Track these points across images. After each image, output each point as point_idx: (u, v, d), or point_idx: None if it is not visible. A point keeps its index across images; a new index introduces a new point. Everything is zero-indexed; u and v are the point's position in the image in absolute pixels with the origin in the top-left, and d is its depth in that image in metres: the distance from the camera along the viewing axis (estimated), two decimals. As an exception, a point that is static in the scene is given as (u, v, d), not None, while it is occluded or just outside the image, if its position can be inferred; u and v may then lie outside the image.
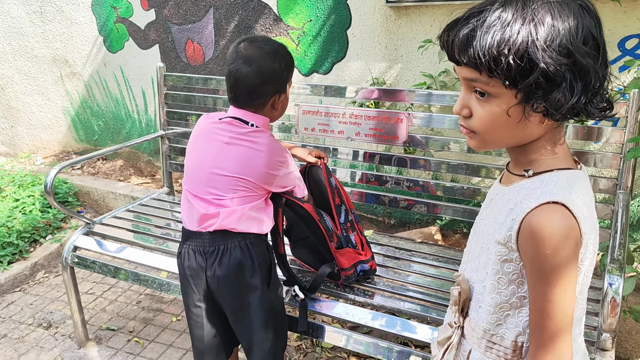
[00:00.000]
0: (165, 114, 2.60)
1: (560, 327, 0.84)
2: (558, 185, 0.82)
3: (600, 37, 0.79)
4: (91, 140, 3.94)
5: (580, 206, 0.80)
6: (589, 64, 0.77)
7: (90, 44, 3.59)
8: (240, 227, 1.46)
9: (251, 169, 1.45)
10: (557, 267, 0.80)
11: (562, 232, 0.79)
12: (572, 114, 0.80)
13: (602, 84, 0.80)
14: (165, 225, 2.32)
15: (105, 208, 3.45)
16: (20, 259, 2.94)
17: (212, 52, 3.10)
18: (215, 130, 1.52)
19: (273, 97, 1.50)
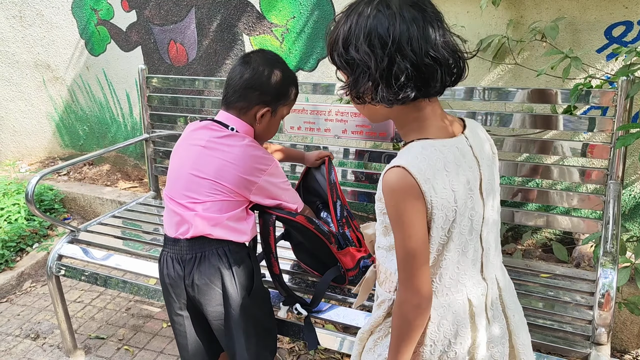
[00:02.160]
0: (149, 117, 2.55)
1: (413, 268, 0.99)
2: (409, 152, 0.98)
3: (390, 35, 0.91)
4: (77, 146, 3.88)
5: (422, 169, 0.95)
6: (364, 58, 0.92)
7: (72, 47, 3.53)
8: (216, 233, 1.42)
9: (226, 174, 1.41)
10: (400, 217, 0.97)
11: (401, 188, 0.96)
12: (379, 99, 0.95)
13: (390, 76, 0.92)
14: (153, 230, 2.28)
15: (92, 214, 3.39)
16: (6, 269, 2.88)
17: (196, 52, 3.05)
18: (195, 135, 1.49)
19: (257, 107, 1.47)
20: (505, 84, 2.29)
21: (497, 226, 1.12)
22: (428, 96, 0.98)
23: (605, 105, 1.68)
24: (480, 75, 2.33)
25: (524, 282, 1.72)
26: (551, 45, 2.10)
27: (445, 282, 1.05)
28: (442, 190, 0.97)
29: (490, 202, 1.07)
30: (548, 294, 1.64)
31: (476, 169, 1.03)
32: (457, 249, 1.03)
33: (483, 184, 1.04)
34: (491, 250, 1.10)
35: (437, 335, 1.06)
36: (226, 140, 1.44)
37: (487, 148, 1.08)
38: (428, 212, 0.97)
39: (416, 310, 1.01)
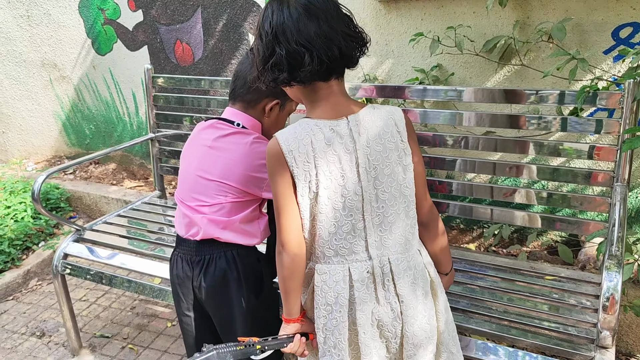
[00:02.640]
0: (155, 116, 2.56)
1: (279, 223, 1.17)
2: (290, 126, 1.17)
3: (270, 27, 1.11)
4: (83, 145, 3.89)
5: (289, 140, 1.13)
6: (255, 48, 1.17)
7: (79, 47, 3.54)
8: (225, 236, 1.42)
9: (233, 174, 1.40)
10: (270, 177, 1.18)
11: (270, 154, 1.17)
12: (277, 83, 1.16)
13: (268, 61, 1.13)
14: (158, 229, 2.28)
15: (98, 213, 3.41)
16: (12, 267, 2.90)
17: (202, 52, 3.06)
18: (201, 135, 1.49)
19: (266, 100, 1.45)
20: (511, 85, 2.28)
21: (394, 209, 1.19)
22: (300, 78, 1.12)
23: (612, 107, 1.67)
24: (486, 76, 2.32)
25: (528, 284, 1.71)
26: (558, 46, 2.09)
27: (324, 250, 1.18)
28: (303, 163, 1.13)
29: (379, 184, 1.16)
30: (553, 296, 1.63)
31: (353, 151, 1.14)
32: (330, 221, 1.16)
33: (361, 165, 1.14)
34: (383, 231, 1.18)
35: (320, 299, 1.20)
36: (231, 139, 1.44)
37: (381, 133, 1.17)
38: (294, 180, 1.14)
39: (281, 261, 1.18)
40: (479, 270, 1.81)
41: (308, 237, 1.19)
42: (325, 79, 1.15)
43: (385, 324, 1.19)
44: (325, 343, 1.21)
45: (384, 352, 1.22)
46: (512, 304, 1.61)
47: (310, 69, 1.10)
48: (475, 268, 1.83)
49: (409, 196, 1.21)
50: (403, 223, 1.20)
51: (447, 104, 2.36)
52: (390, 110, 1.21)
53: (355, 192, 1.15)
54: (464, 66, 2.36)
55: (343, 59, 1.14)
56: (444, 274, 1.41)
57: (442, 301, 1.30)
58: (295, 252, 1.17)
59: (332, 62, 1.11)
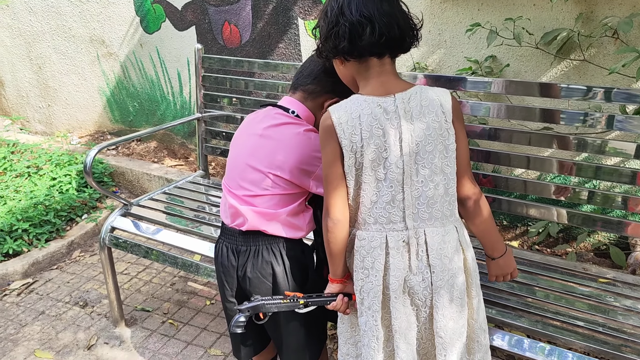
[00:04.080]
0: (203, 97, 2.58)
1: (327, 191, 1.28)
2: (342, 101, 1.27)
3: (330, 10, 1.23)
4: (126, 121, 3.96)
5: (340, 114, 1.23)
6: (319, 23, 1.28)
7: (127, 24, 3.58)
8: (272, 229, 1.41)
9: (283, 164, 1.39)
10: (322, 148, 1.28)
11: (322, 126, 1.26)
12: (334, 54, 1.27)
13: (326, 41, 1.26)
14: (200, 208, 2.31)
15: (139, 189, 3.47)
16: (57, 237, 2.98)
17: (249, 34, 3.06)
18: (253, 123, 1.48)
19: (327, 95, 1.44)
20: (568, 81, 2.21)
21: (433, 184, 1.25)
22: (358, 49, 1.21)
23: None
24: (542, 70, 2.26)
25: (579, 284, 1.68)
26: (622, 42, 2.02)
27: (366, 217, 1.27)
28: (350, 134, 1.22)
29: (419, 160, 1.23)
30: (606, 299, 1.59)
31: (398, 127, 1.21)
32: (372, 190, 1.25)
33: (404, 140, 1.21)
34: (421, 204, 1.25)
35: (358, 263, 1.29)
36: (284, 129, 1.42)
37: (426, 112, 1.23)
38: (341, 151, 1.23)
39: (325, 224, 1.28)
40: (530, 269, 1.78)
41: (353, 205, 1.29)
42: (381, 54, 1.23)
43: (417, 292, 1.26)
44: (363, 304, 1.30)
45: (414, 319, 1.29)
46: (565, 305, 1.57)
47: (369, 41, 1.19)
48: (527, 267, 1.79)
49: (450, 174, 1.27)
50: (441, 199, 1.26)
51: (499, 97, 2.31)
52: (438, 91, 1.27)
53: (397, 165, 1.22)
54: (520, 59, 2.30)
55: (400, 39, 1.23)
56: (492, 258, 1.41)
57: (474, 285, 1.32)
58: (338, 217, 1.27)
59: (390, 38, 1.20)
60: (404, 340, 1.26)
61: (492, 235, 1.39)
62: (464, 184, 1.32)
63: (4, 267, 2.69)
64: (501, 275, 1.43)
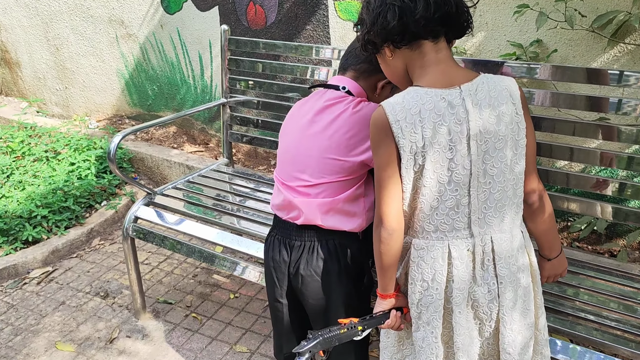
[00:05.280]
0: (228, 81, 2.46)
1: (380, 196, 1.14)
2: (397, 95, 1.11)
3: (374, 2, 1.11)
4: (145, 105, 3.85)
5: (396, 110, 1.08)
6: (362, 16, 1.17)
7: (147, 4, 3.46)
8: (329, 222, 1.31)
9: (337, 144, 1.29)
10: (374, 148, 1.14)
11: (375, 123, 1.12)
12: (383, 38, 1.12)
13: (372, 26, 1.12)
14: (224, 198, 2.21)
15: (159, 175, 3.37)
16: (76, 225, 2.90)
17: (275, 15, 2.92)
18: (302, 110, 1.39)
19: (380, 75, 1.33)
20: (621, 67, 2.06)
21: (502, 186, 1.12)
22: (411, 28, 1.07)
23: None
24: (592, 56, 2.11)
25: (636, 289, 1.55)
26: (686, 26, 1.86)
27: (424, 225, 1.14)
28: (410, 133, 1.08)
29: (488, 159, 1.10)
30: (671, 306, 1.47)
31: (465, 122, 1.07)
32: (433, 195, 1.11)
33: (472, 138, 1.08)
34: (488, 208, 1.13)
35: (416, 274, 1.16)
36: (335, 107, 1.32)
37: (496, 105, 1.10)
38: (398, 151, 1.09)
39: (378, 235, 1.14)
40: (582, 271, 1.65)
41: (407, 211, 1.16)
42: (436, 35, 1.11)
43: (481, 305, 1.15)
44: (420, 318, 1.18)
45: (476, 334, 1.18)
46: (622, 311, 1.45)
47: (423, 14, 1.06)
48: (578, 268, 1.67)
49: (519, 173, 1.15)
50: (510, 201, 1.15)
51: (544, 84, 2.16)
52: (505, 80, 1.14)
53: (464, 165, 1.10)
54: (568, 43, 2.14)
55: (456, 15, 1.10)
56: (548, 259, 1.31)
57: (539, 292, 1.23)
58: (394, 227, 1.13)
59: (446, 13, 1.08)
60: (466, 357, 1.15)
61: (552, 234, 1.29)
62: (530, 181, 1.21)
63: (24, 255, 2.62)
64: (553, 275, 1.33)
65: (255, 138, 2.47)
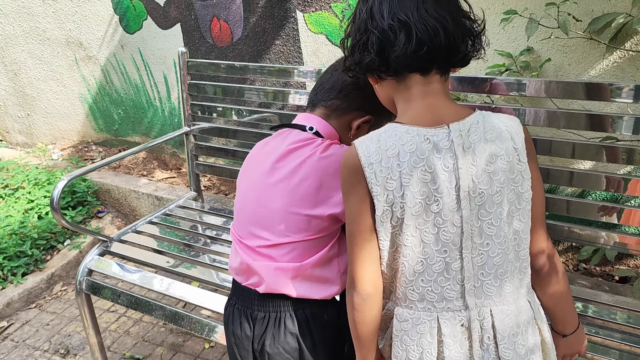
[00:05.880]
0: (190, 107, 2.22)
1: (352, 254, 0.96)
2: (372, 133, 0.95)
3: (359, 13, 0.94)
4: (111, 130, 3.60)
5: (370, 151, 0.91)
6: (346, 34, 0.99)
7: (106, 24, 3.21)
8: (297, 290, 1.08)
9: (305, 195, 1.08)
10: (344, 195, 0.97)
11: (345, 166, 0.95)
12: (362, 70, 0.98)
13: (351, 54, 0.98)
14: (190, 241, 1.97)
15: (127, 207, 3.13)
16: (35, 270, 2.65)
17: (241, 31, 2.69)
18: (262, 154, 1.16)
19: (357, 113, 1.13)
20: (623, 74, 1.86)
21: (502, 247, 0.93)
22: (390, 63, 0.92)
23: None
24: (590, 63, 1.90)
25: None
26: (694, 27, 1.66)
27: (407, 292, 0.96)
28: (387, 180, 0.91)
29: (485, 215, 0.91)
30: None
31: (453, 169, 0.90)
32: (416, 257, 0.93)
33: (463, 189, 0.90)
34: (486, 275, 0.93)
35: (399, 352, 0.98)
36: (300, 152, 1.10)
37: (494, 150, 0.91)
38: (372, 200, 0.92)
39: (351, 300, 0.97)
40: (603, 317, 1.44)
41: (387, 272, 0.97)
42: (424, 70, 0.93)
43: None
44: None
45: None
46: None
47: (404, 51, 0.89)
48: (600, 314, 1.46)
49: (522, 232, 0.95)
50: (512, 266, 0.95)
51: (539, 100, 1.96)
52: (506, 120, 0.95)
53: (453, 222, 0.91)
54: (562, 50, 1.94)
55: (448, 49, 0.91)
56: (562, 335, 1.08)
57: None
58: (368, 291, 0.95)
59: (434, 48, 0.90)
60: None
61: (566, 305, 1.06)
62: (538, 240, 0.99)
63: (-26, 310, 2.37)
64: (569, 355, 1.11)
65: (223, 169, 2.24)
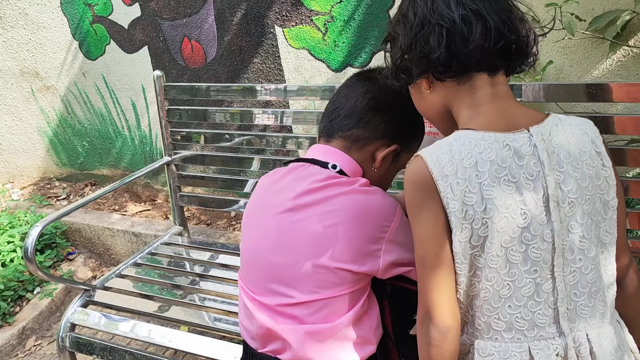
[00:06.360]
0: (170, 135, 2.05)
1: (425, 282, 0.84)
2: (439, 142, 0.84)
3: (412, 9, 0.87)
4: (75, 164, 3.36)
5: (443, 161, 0.81)
6: (395, 33, 0.92)
7: (64, 51, 3.00)
8: (333, 356, 0.93)
9: (335, 246, 0.93)
10: (412, 215, 0.85)
11: (413, 181, 0.85)
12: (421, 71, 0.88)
13: (409, 50, 0.88)
14: (182, 282, 1.79)
15: (101, 247, 2.89)
16: (4, 325, 2.38)
17: (216, 50, 2.54)
18: (274, 191, 1.00)
19: (380, 142, 1.00)
20: (628, 73, 1.80)
21: (594, 262, 0.85)
22: (462, 62, 0.83)
23: None
24: (593, 63, 1.84)
25: None
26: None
27: (491, 322, 0.85)
28: (465, 194, 0.81)
29: (575, 227, 0.83)
30: None
31: (539, 177, 0.82)
32: (502, 280, 0.83)
33: (552, 198, 0.82)
34: (579, 295, 0.85)
35: None
36: (327, 191, 0.95)
37: (578, 154, 0.84)
38: (448, 218, 0.82)
39: (426, 334, 0.85)
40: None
41: (463, 300, 0.87)
42: (494, 68, 0.86)
43: None
44: None
45: None
46: None
47: (480, 44, 0.82)
48: None
49: (609, 244, 0.89)
50: (602, 282, 0.88)
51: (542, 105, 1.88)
52: (582, 122, 0.88)
53: (543, 237, 0.82)
54: (562, 51, 1.87)
55: (521, 46, 0.86)
56: None
57: None
58: (447, 323, 0.84)
59: (511, 42, 0.84)
60: None
61: None
62: (622, 254, 0.92)
63: (-64, 379, 2.10)
64: None
65: (210, 199, 2.07)
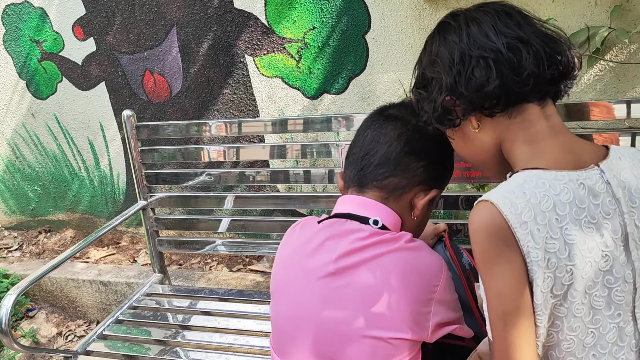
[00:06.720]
0: (145, 178, 1.91)
1: (506, 340, 0.76)
2: (506, 184, 0.79)
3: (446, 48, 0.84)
4: (26, 211, 3.11)
5: (519, 207, 0.75)
6: (430, 76, 0.87)
7: (9, 91, 2.78)
8: None
9: (386, 310, 0.84)
10: (487, 268, 0.77)
11: (487, 231, 0.76)
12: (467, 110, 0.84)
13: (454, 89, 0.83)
14: (170, 338, 1.65)
15: (65, 300, 2.66)
16: (-39, 401, 2.14)
17: (181, 83, 2.42)
18: (311, 250, 0.91)
19: (418, 188, 0.93)
20: (605, 87, 1.83)
21: None
22: (516, 92, 0.80)
23: None
24: (572, 79, 1.86)
25: None
26: (674, 33, 1.67)
27: None
28: (547, 241, 0.75)
29: None
30: None
31: (616, 215, 0.78)
32: (587, 327, 0.79)
33: (631, 237, 0.78)
34: None
35: None
36: (371, 250, 0.87)
37: None
38: (527, 268, 0.75)
39: None
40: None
41: (540, 352, 0.80)
42: (544, 94, 0.83)
43: None
44: None
45: None
46: None
47: (535, 69, 0.79)
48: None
49: None
50: None
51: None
52: (636, 153, 0.85)
53: (625, 278, 0.78)
54: (541, 69, 1.89)
55: (567, 71, 0.84)
56: None
57: None
58: None
59: (561, 65, 0.82)
60: None
61: None
62: None
63: None
64: None
65: (190, 242, 1.94)
